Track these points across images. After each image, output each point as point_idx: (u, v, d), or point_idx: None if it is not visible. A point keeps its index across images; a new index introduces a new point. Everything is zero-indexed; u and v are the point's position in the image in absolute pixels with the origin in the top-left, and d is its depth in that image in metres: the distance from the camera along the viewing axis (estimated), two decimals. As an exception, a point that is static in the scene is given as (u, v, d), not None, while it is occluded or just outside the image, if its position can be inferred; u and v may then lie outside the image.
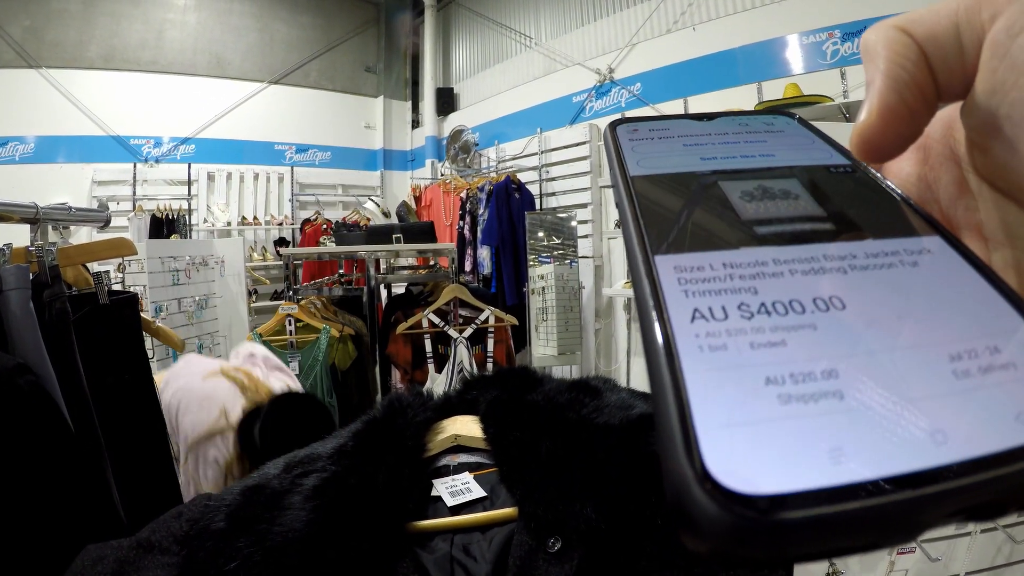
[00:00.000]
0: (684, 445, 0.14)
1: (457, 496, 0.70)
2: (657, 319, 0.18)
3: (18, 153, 6.14)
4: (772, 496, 0.13)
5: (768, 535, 0.13)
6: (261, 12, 7.66)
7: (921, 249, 0.20)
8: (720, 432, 0.15)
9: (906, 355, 0.17)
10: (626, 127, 0.32)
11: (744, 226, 0.22)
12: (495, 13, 7.42)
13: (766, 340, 0.17)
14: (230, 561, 0.58)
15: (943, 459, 0.14)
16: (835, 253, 0.20)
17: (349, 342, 3.06)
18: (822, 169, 0.26)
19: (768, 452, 0.14)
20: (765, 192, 0.24)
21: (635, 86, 5.54)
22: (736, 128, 0.30)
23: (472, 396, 0.80)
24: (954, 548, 2.40)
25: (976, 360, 0.16)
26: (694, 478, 0.14)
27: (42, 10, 6.27)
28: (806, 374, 0.16)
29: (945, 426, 0.15)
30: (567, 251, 5.21)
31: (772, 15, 4.49)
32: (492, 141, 6.97)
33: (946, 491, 0.14)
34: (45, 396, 1.13)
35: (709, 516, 0.13)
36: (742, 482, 0.14)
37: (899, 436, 0.15)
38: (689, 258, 0.20)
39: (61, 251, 1.38)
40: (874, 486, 0.14)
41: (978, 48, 0.23)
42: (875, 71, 0.24)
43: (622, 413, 0.68)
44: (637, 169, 0.27)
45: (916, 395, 0.15)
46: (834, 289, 0.19)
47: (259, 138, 7.45)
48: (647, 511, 0.59)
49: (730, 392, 0.16)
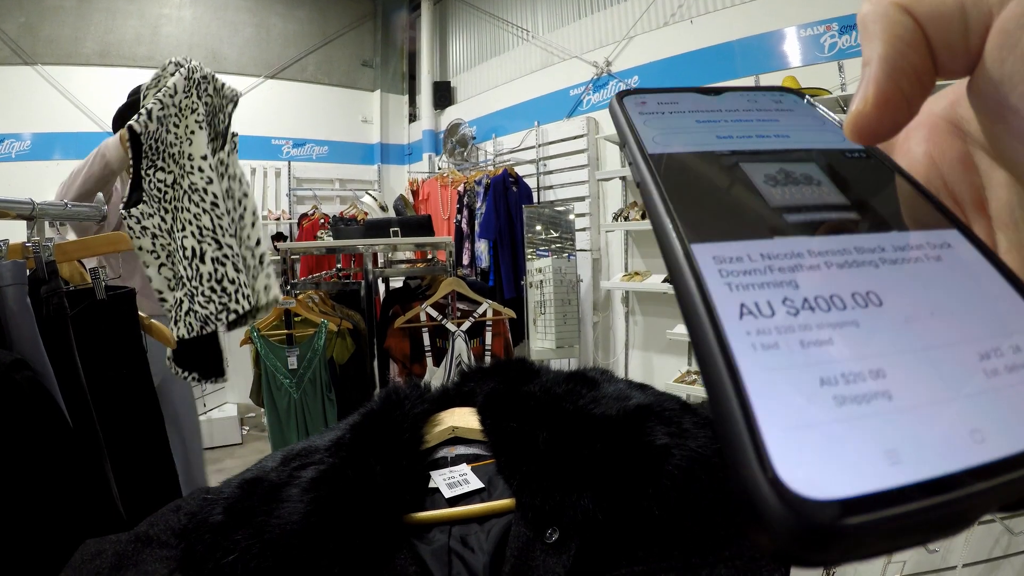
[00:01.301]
0: (754, 451, 0.15)
1: (455, 488, 0.71)
2: (708, 316, 0.18)
3: (14, 150, 6.12)
4: (840, 501, 0.14)
5: (836, 538, 0.14)
6: (257, 7, 7.62)
7: (942, 243, 0.21)
8: (785, 435, 0.15)
9: (942, 353, 0.17)
10: (634, 99, 0.31)
11: (774, 213, 0.22)
12: (491, 6, 7.39)
13: (814, 338, 0.17)
14: (228, 554, 0.58)
15: (984, 457, 0.15)
16: (864, 245, 0.20)
17: (347, 336, 3.06)
18: (838, 153, 0.26)
19: (831, 455, 0.15)
20: (788, 177, 0.24)
21: (633, 79, 5.52)
22: (746, 104, 0.30)
23: (469, 388, 0.80)
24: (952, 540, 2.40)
25: (1003, 358, 0.17)
26: (766, 483, 0.14)
27: (37, 6, 6.23)
28: (856, 374, 0.16)
29: (982, 424, 0.15)
30: (565, 244, 5.21)
31: (769, 8, 4.48)
32: (489, 135, 6.96)
33: (989, 488, 0.14)
34: (43, 392, 1.13)
35: (781, 520, 0.14)
36: (811, 487, 0.14)
37: (944, 435, 0.15)
38: (727, 247, 0.20)
39: (58, 247, 1.38)
40: (928, 487, 0.14)
41: (983, 31, 0.22)
42: (872, 53, 0.24)
43: (619, 404, 0.68)
44: (654, 146, 0.26)
45: (954, 394, 0.16)
46: (870, 284, 0.19)
47: (256, 133, 7.42)
48: (644, 501, 0.59)
49: (789, 394, 0.16)
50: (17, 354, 1.13)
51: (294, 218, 7.25)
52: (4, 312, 1.19)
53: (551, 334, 5.01)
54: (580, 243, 5.50)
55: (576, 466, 0.62)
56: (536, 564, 0.59)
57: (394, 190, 7.98)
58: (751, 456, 0.15)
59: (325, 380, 2.94)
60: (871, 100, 0.23)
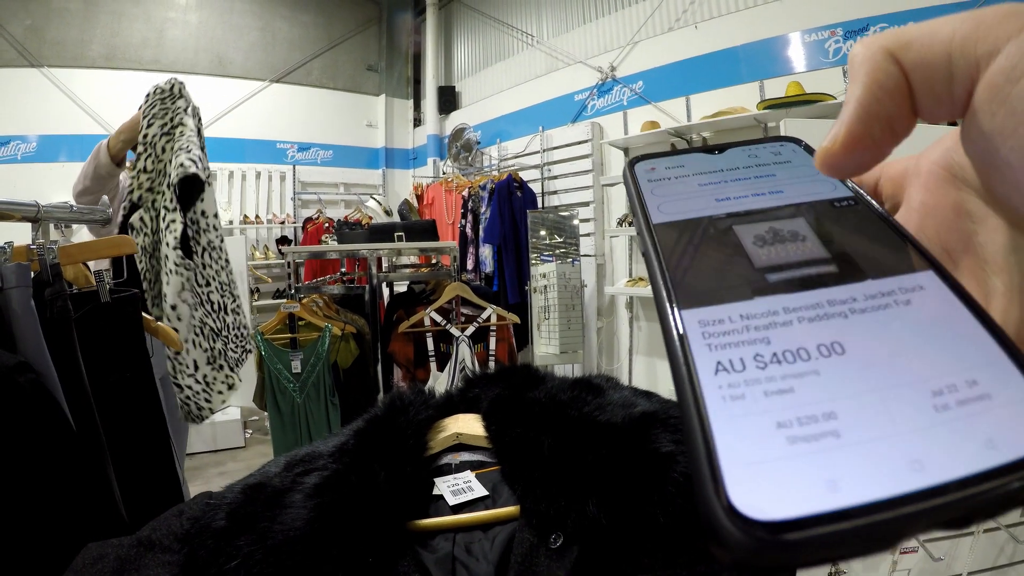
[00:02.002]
0: (713, 483, 0.18)
1: (459, 495, 0.70)
2: (687, 375, 0.21)
3: (20, 152, 6.14)
4: (780, 521, 0.17)
5: (778, 551, 0.16)
6: (263, 11, 7.66)
7: (914, 286, 0.23)
8: (740, 470, 0.18)
9: (894, 394, 0.20)
10: (644, 165, 0.34)
11: (757, 274, 0.25)
12: (497, 11, 7.41)
13: (777, 388, 0.20)
14: (231, 560, 0.58)
15: (918, 484, 0.17)
16: (837, 298, 0.23)
17: (351, 340, 3.06)
18: (827, 204, 0.29)
19: (778, 485, 0.17)
20: (776, 235, 0.27)
21: (637, 84, 5.53)
22: (746, 161, 0.33)
23: (474, 394, 0.80)
24: (957, 548, 2.39)
25: (955, 394, 0.19)
26: (721, 508, 0.17)
27: (43, 9, 6.27)
28: (809, 417, 0.19)
29: (922, 455, 0.18)
30: (569, 249, 5.21)
31: (774, 13, 4.49)
32: (494, 139, 6.97)
33: (919, 511, 0.17)
34: (46, 394, 1.13)
35: (733, 537, 0.17)
36: (757, 511, 0.17)
37: (883, 466, 0.17)
38: (711, 311, 0.23)
39: (62, 249, 1.38)
40: (860, 509, 0.17)
41: (969, 82, 0.23)
42: (852, 95, 0.25)
43: (624, 411, 0.68)
44: (659, 216, 0.30)
45: (900, 430, 0.18)
46: (836, 335, 0.22)
47: (261, 136, 7.45)
48: (649, 508, 0.59)
49: (747, 436, 0.19)
50: (21, 357, 1.13)
51: (299, 222, 7.28)
52: (8, 314, 1.19)
53: (555, 339, 5.01)
54: (584, 248, 5.50)
55: (581, 472, 0.62)
56: (540, 570, 0.59)
57: (399, 194, 8.00)
58: (710, 486, 0.18)
59: (329, 384, 2.93)
60: (840, 141, 0.25)
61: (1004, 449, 0.17)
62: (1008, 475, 0.17)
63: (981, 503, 0.17)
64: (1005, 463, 0.17)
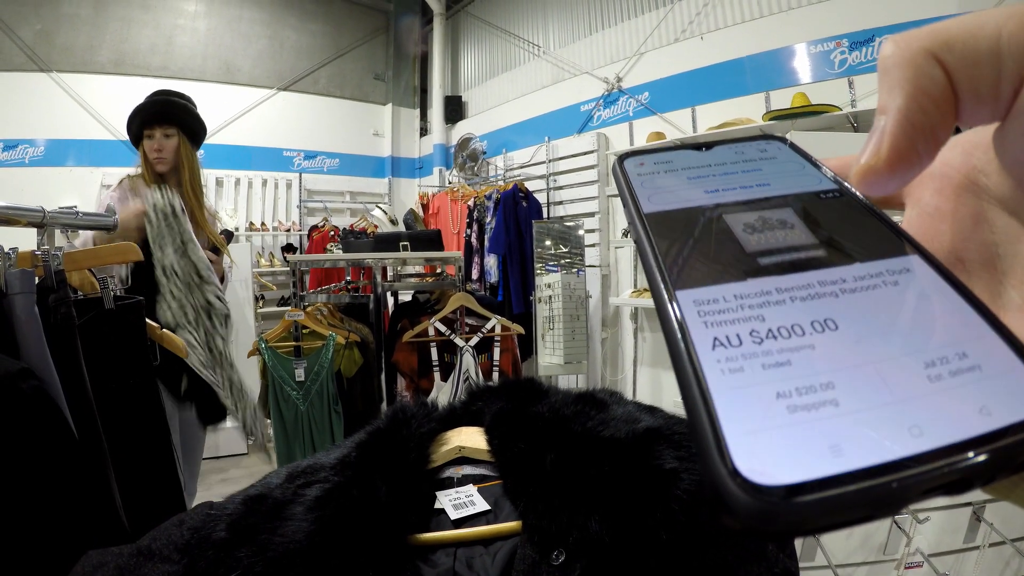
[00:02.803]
0: (718, 451, 0.18)
1: (460, 509, 0.70)
2: (685, 350, 0.22)
3: (28, 156, 6.17)
4: (787, 486, 0.17)
5: (785, 514, 0.17)
6: (271, 19, 7.69)
7: (901, 268, 0.24)
8: (744, 439, 0.18)
9: (889, 365, 0.20)
10: (633, 161, 0.35)
11: (749, 258, 0.26)
12: (503, 21, 7.44)
13: (774, 361, 0.21)
14: (231, 571, 0.57)
15: (919, 448, 0.18)
16: (827, 279, 0.24)
17: (355, 349, 3.06)
18: (813, 196, 0.29)
19: (782, 451, 0.18)
20: (765, 223, 0.27)
21: (643, 95, 5.54)
22: (733, 157, 0.34)
23: (477, 407, 0.80)
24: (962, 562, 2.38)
25: (947, 365, 0.20)
26: (727, 475, 0.18)
27: (53, 14, 6.30)
28: (808, 387, 0.20)
29: (920, 422, 0.18)
30: (574, 260, 5.20)
31: (780, 24, 4.49)
32: (500, 149, 6.98)
33: (922, 473, 0.17)
34: (48, 401, 1.13)
35: (741, 503, 0.17)
36: (763, 476, 0.17)
37: (884, 432, 0.18)
38: (705, 292, 0.24)
39: (67, 256, 1.38)
40: (865, 472, 0.17)
41: (1019, 82, 0.21)
42: (892, 103, 0.23)
43: (628, 427, 0.67)
44: (649, 206, 0.30)
45: (898, 398, 0.19)
46: (828, 312, 0.22)
47: (268, 144, 7.47)
48: (652, 525, 0.58)
49: (749, 406, 0.19)
50: (24, 363, 1.13)
51: (304, 230, 7.29)
52: (12, 321, 1.19)
53: (559, 350, 5.00)
54: (589, 259, 5.50)
55: (583, 488, 0.62)
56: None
57: (404, 203, 8.01)
58: (715, 454, 0.18)
59: (332, 393, 2.93)
60: (884, 157, 0.23)
61: (998, 415, 0.18)
62: (1004, 438, 0.18)
63: (980, 466, 0.17)
64: (1000, 427, 0.18)
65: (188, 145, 2.50)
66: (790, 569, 0.62)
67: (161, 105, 2.48)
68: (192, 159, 2.52)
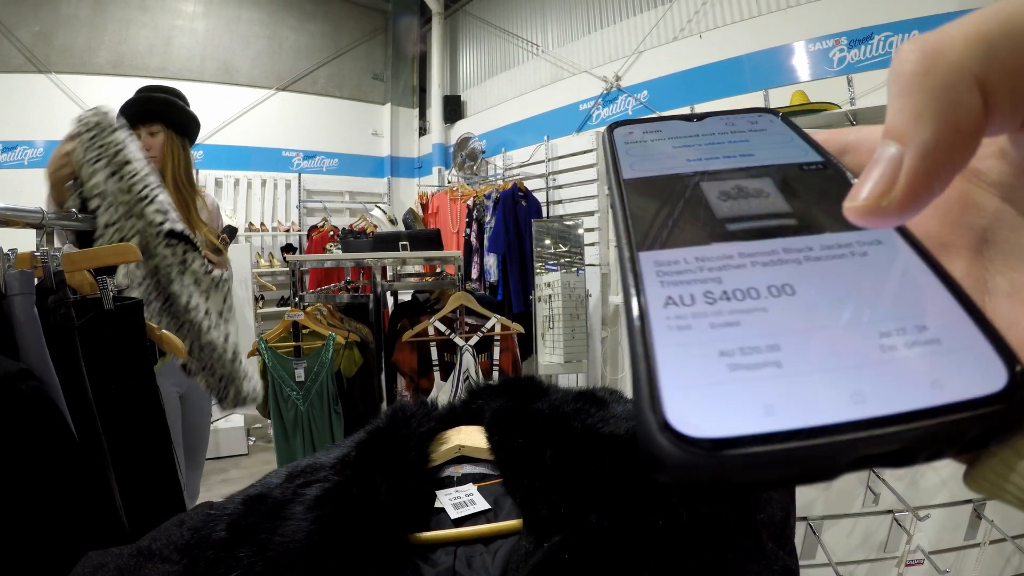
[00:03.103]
0: (651, 404, 0.18)
1: (460, 508, 0.70)
2: (637, 304, 0.22)
3: (27, 157, 6.16)
4: (714, 439, 0.17)
5: (710, 468, 0.17)
6: (270, 19, 7.69)
7: (872, 240, 0.23)
8: (679, 392, 0.18)
9: (841, 332, 0.20)
10: (622, 129, 0.35)
11: (718, 223, 0.25)
12: (502, 21, 7.43)
13: (723, 321, 0.21)
14: (231, 571, 0.57)
15: (857, 414, 0.17)
16: (793, 247, 0.23)
17: (355, 349, 3.06)
18: (795, 167, 0.29)
19: (715, 407, 0.18)
20: (740, 191, 0.27)
21: (642, 94, 5.54)
22: (722, 128, 0.34)
23: (477, 405, 0.80)
24: (963, 560, 2.38)
25: (904, 336, 0.19)
26: (657, 426, 0.18)
27: (51, 15, 6.30)
28: (753, 347, 0.20)
29: (865, 389, 0.18)
30: (574, 259, 5.20)
31: (778, 22, 4.49)
32: (499, 149, 6.97)
33: (855, 439, 0.17)
34: (48, 402, 1.12)
35: (668, 454, 0.17)
36: (692, 428, 0.17)
37: (825, 396, 0.18)
38: (667, 254, 0.24)
39: (66, 256, 1.38)
40: (794, 433, 0.17)
41: None
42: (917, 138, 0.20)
43: (628, 424, 0.67)
44: (629, 172, 0.30)
45: (844, 364, 0.19)
46: (787, 278, 0.22)
47: (267, 144, 7.47)
48: (652, 520, 0.58)
49: (689, 362, 0.19)
50: (23, 364, 1.13)
51: (303, 230, 7.29)
52: (11, 322, 1.19)
53: (559, 349, 4.99)
54: (589, 258, 5.49)
55: (583, 482, 0.62)
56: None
57: (404, 203, 8.01)
58: (648, 407, 0.18)
59: (332, 393, 2.93)
60: (898, 198, 0.20)
61: (950, 390, 0.18)
62: (953, 413, 0.17)
63: (922, 438, 0.17)
64: (950, 402, 0.17)
65: (175, 139, 2.42)
66: (790, 567, 0.62)
67: (142, 103, 2.45)
68: (177, 152, 2.40)
